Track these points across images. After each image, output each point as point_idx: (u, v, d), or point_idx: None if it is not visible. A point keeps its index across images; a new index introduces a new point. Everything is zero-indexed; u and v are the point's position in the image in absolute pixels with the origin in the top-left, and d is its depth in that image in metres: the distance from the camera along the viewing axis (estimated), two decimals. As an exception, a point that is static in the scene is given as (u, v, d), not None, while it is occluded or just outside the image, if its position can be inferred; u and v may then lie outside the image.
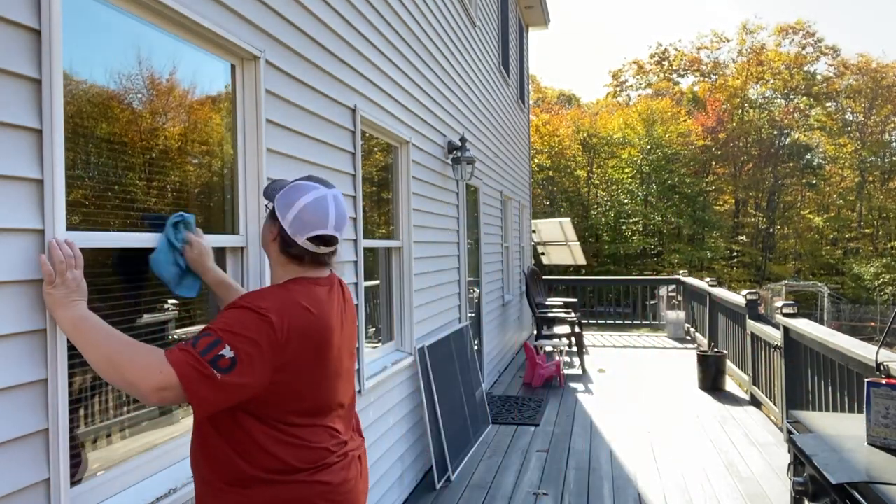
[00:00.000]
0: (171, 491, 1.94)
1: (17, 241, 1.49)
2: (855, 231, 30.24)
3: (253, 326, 1.44)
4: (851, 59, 32.34)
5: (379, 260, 4.36)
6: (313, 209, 1.63)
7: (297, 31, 2.89)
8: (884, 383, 2.28)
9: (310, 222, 1.62)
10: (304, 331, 1.52)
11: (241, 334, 1.42)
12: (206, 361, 1.36)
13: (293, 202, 1.64)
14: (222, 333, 1.41)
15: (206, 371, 1.36)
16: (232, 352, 1.39)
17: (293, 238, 1.63)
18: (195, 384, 1.35)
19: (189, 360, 1.36)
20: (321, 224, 1.63)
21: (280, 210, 1.65)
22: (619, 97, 36.65)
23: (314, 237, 1.63)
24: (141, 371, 1.35)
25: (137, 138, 2.01)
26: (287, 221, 1.62)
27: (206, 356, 1.37)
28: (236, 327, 1.43)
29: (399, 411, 4.23)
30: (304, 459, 1.54)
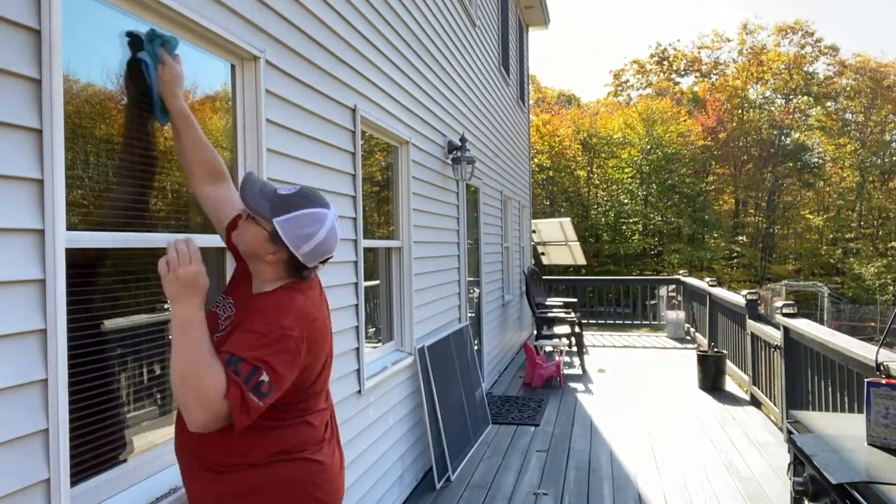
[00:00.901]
0: (171, 491, 1.94)
1: (17, 241, 1.49)
2: (855, 231, 30.24)
3: (282, 347, 1.52)
4: (850, 59, 32.35)
5: (379, 260, 4.36)
6: (328, 241, 1.68)
7: (297, 31, 2.89)
8: (884, 383, 2.28)
9: (324, 251, 1.69)
10: (315, 339, 1.63)
11: (274, 358, 1.50)
12: (250, 392, 1.45)
13: (311, 237, 1.65)
14: (258, 362, 1.48)
15: (251, 402, 1.46)
16: (268, 376, 1.48)
17: (305, 265, 1.68)
18: (242, 414, 1.45)
19: (238, 395, 1.44)
20: (331, 250, 1.72)
21: (291, 240, 1.63)
22: (620, 97, 36.65)
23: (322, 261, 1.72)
24: (201, 400, 1.43)
25: (137, 138, 2.01)
26: (302, 253, 1.65)
27: (249, 385, 1.46)
28: (268, 352, 1.50)
29: (399, 411, 4.23)
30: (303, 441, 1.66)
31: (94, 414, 1.83)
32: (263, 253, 1.65)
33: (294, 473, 1.63)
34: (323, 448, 1.71)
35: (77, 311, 1.72)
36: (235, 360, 1.47)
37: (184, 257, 1.52)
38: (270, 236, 1.63)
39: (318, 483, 1.66)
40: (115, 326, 1.93)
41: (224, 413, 1.44)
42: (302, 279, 1.71)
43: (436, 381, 4.70)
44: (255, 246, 1.66)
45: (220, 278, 2.41)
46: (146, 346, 2.06)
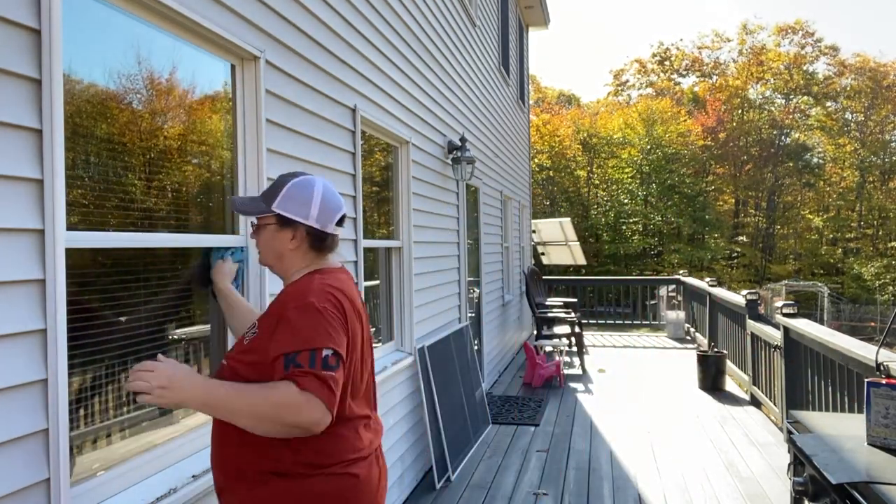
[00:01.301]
0: (171, 491, 1.94)
1: (17, 241, 1.49)
2: (855, 231, 30.24)
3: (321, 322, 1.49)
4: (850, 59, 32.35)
5: (379, 260, 4.36)
6: (329, 196, 1.67)
7: (297, 31, 2.89)
8: (884, 383, 2.28)
9: (333, 207, 1.67)
10: (345, 309, 1.58)
11: (322, 335, 1.47)
12: (322, 372, 1.43)
13: (310, 198, 1.64)
14: (311, 346, 1.45)
15: (328, 377, 1.43)
16: (328, 350, 1.46)
17: (324, 230, 1.65)
18: (327, 391, 1.42)
19: (313, 380, 1.41)
20: (340, 205, 1.70)
21: (298, 212, 1.63)
22: (620, 97, 36.65)
23: (339, 220, 1.69)
24: (294, 413, 1.40)
25: (137, 138, 2.01)
26: (313, 218, 1.63)
27: (317, 367, 1.43)
28: (313, 333, 1.47)
29: (399, 411, 4.23)
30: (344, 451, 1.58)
31: (94, 414, 1.83)
32: (285, 244, 1.65)
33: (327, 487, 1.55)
34: (363, 459, 1.62)
35: (77, 311, 1.72)
36: (291, 357, 1.44)
37: (144, 375, 1.40)
38: (279, 223, 1.64)
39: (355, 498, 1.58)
40: (114, 326, 1.93)
41: (315, 405, 1.40)
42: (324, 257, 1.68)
43: (436, 381, 4.70)
44: (274, 243, 1.66)
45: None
46: (146, 346, 2.06)
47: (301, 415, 1.40)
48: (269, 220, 1.64)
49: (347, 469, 1.57)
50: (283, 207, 1.63)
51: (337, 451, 1.57)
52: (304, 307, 1.51)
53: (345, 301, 1.60)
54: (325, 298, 1.54)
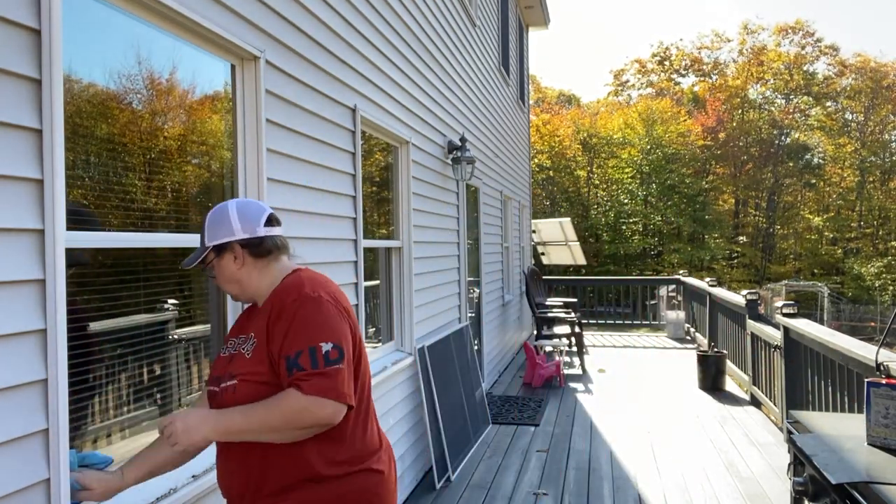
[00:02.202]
0: (171, 491, 1.94)
1: (17, 241, 1.49)
2: (855, 231, 30.24)
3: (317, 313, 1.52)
4: (850, 59, 32.35)
5: (379, 260, 4.36)
6: (244, 205, 1.68)
7: (297, 31, 2.89)
8: (884, 383, 2.28)
9: (253, 212, 1.67)
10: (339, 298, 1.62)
11: (319, 326, 1.50)
12: (325, 368, 1.45)
13: (226, 216, 1.65)
14: (309, 343, 1.48)
15: (331, 372, 1.46)
16: (328, 343, 1.48)
17: (254, 235, 1.65)
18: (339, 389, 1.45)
19: (320, 382, 1.44)
20: (260, 208, 1.70)
21: (221, 235, 1.64)
22: (620, 97, 36.65)
23: (266, 221, 1.68)
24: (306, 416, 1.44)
25: (137, 138, 2.01)
26: (236, 230, 1.64)
27: (319, 365, 1.46)
28: (310, 329, 1.50)
29: (399, 411, 4.23)
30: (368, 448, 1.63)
31: (94, 414, 1.83)
32: (231, 268, 1.65)
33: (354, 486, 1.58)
34: (381, 456, 1.67)
35: (77, 311, 1.72)
36: (290, 360, 1.48)
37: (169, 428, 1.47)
38: (217, 254, 1.65)
39: (379, 494, 1.62)
40: (115, 326, 1.93)
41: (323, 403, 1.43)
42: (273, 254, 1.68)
43: (436, 381, 4.70)
44: (225, 274, 1.67)
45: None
46: (146, 345, 2.06)
47: (314, 416, 1.44)
48: (209, 257, 1.66)
49: (374, 465, 1.62)
50: (211, 239, 1.65)
51: (361, 446, 1.61)
52: (301, 299, 1.54)
53: (335, 290, 1.63)
54: (318, 287, 1.58)
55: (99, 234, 1.83)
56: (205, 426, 1.48)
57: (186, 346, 2.29)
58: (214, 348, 2.42)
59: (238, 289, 1.68)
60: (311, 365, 1.45)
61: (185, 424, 1.47)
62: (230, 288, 1.69)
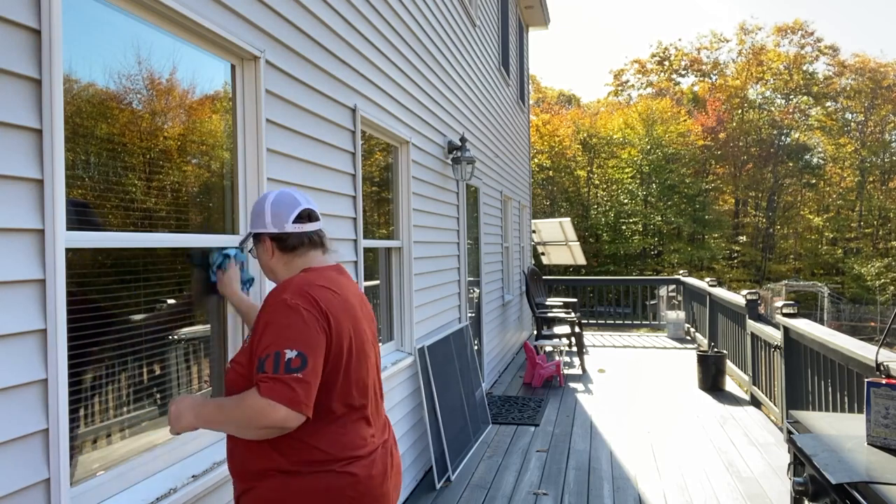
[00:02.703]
0: (171, 491, 1.94)
1: (17, 242, 1.49)
2: (855, 231, 30.25)
3: (289, 320, 1.57)
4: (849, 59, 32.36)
5: (379, 260, 4.36)
6: (280, 198, 1.79)
7: (297, 31, 2.89)
8: (884, 383, 2.28)
9: (285, 208, 1.77)
10: (331, 304, 1.65)
11: (286, 333, 1.55)
12: (283, 375, 1.51)
13: (262, 209, 1.79)
14: (275, 348, 1.54)
15: (289, 380, 1.51)
16: (292, 351, 1.53)
17: (282, 231, 1.75)
18: (292, 396, 1.50)
19: (272, 385, 1.50)
20: (294, 203, 1.79)
21: (258, 226, 1.79)
22: (620, 97, 36.66)
23: (296, 217, 1.77)
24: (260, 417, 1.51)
25: (137, 138, 2.01)
26: (268, 223, 1.76)
27: (280, 370, 1.51)
28: (279, 334, 1.55)
29: (399, 411, 4.23)
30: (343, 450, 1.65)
31: (94, 414, 1.83)
32: (264, 257, 1.80)
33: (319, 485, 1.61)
34: (362, 459, 1.66)
35: (77, 311, 1.72)
36: (260, 361, 1.54)
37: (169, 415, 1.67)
38: (256, 242, 1.82)
39: (348, 496, 1.62)
40: (114, 326, 1.93)
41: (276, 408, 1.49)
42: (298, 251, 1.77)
43: (436, 381, 4.70)
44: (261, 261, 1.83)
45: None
46: (146, 346, 2.06)
47: (268, 418, 1.50)
48: (249, 242, 1.84)
49: (345, 468, 1.63)
50: (253, 227, 1.81)
51: (332, 449, 1.63)
52: (276, 305, 1.60)
53: (327, 297, 1.65)
54: (300, 294, 1.61)
55: (99, 234, 1.83)
56: (189, 414, 1.64)
57: (186, 346, 2.29)
58: (215, 348, 2.42)
59: (272, 277, 1.82)
60: (272, 369, 1.51)
61: (176, 409, 1.65)
62: (267, 274, 1.84)
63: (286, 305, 1.58)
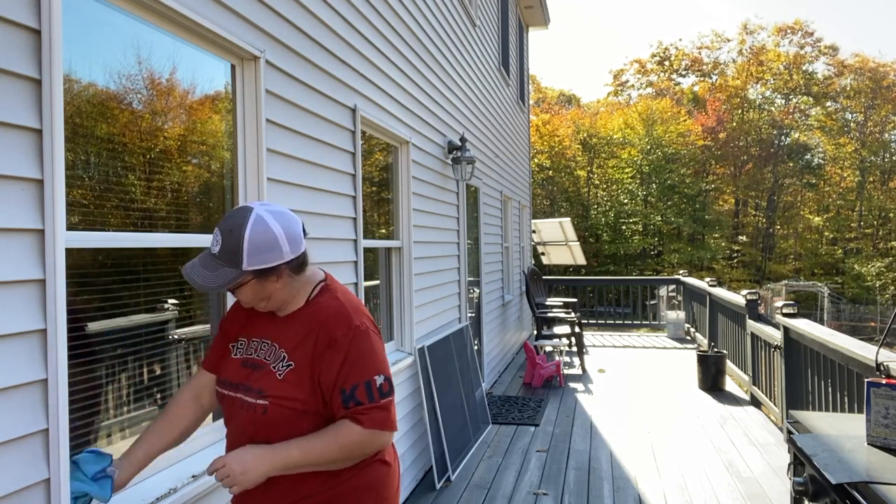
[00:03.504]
0: (171, 491, 1.94)
1: (17, 242, 1.49)
2: (855, 231, 30.26)
3: (368, 347, 1.57)
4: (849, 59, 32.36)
5: (379, 260, 4.36)
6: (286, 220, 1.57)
7: (297, 31, 2.89)
8: (884, 383, 2.28)
9: (296, 229, 1.58)
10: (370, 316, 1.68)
11: (370, 361, 1.56)
12: (381, 401, 1.54)
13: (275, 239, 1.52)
14: (364, 377, 1.54)
15: (386, 405, 1.55)
16: (381, 376, 1.56)
17: (300, 255, 1.59)
18: (392, 420, 1.57)
19: (378, 415, 1.53)
20: (297, 221, 1.61)
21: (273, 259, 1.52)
22: (620, 97, 36.66)
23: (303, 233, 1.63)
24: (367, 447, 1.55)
25: (137, 138, 2.01)
26: (286, 252, 1.54)
27: (375, 399, 1.53)
28: (363, 362, 1.55)
29: (399, 411, 4.23)
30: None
31: (94, 414, 1.83)
32: (270, 288, 1.57)
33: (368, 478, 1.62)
34: (389, 448, 1.71)
35: (77, 311, 1.72)
36: (348, 395, 1.52)
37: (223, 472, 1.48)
38: (258, 276, 1.54)
39: (388, 484, 1.67)
40: (115, 326, 1.93)
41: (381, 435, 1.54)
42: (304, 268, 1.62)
43: (436, 381, 4.70)
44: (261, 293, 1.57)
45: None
46: (146, 346, 2.06)
47: (372, 446, 1.55)
48: (245, 279, 1.54)
49: (379, 457, 1.65)
50: (255, 263, 1.51)
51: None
52: (353, 332, 1.55)
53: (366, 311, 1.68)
54: (363, 315, 1.62)
55: (99, 234, 1.83)
56: (263, 466, 1.49)
57: (186, 346, 2.29)
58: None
59: (265, 303, 1.60)
60: (367, 398, 1.52)
61: (242, 466, 1.47)
62: (257, 303, 1.60)
63: (362, 332, 1.56)
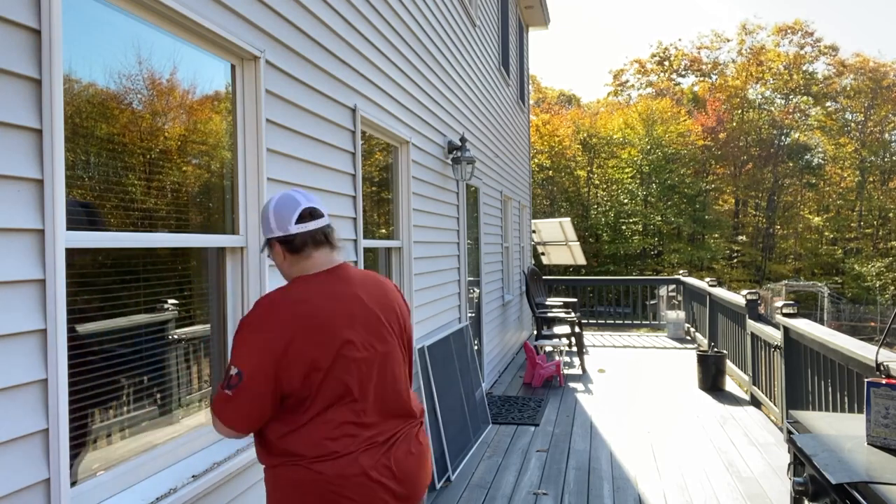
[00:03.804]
0: (171, 491, 1.94)
1: (17, 242, 1.49)
2: (855, 231, 30.26)
3: (239, 339, 1.66)
4: (849, 59, 32.36)
5: (379, 260, 4.36)
6: (281, 201, 1.79)
7: (297, 31, 2.89)
8: (884, 383, 2.28)
9: (286, 210, 1.76)
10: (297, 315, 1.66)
11: (235, 352, 1.65)
12: (223, 391, 1.65)
13: (266, 214, 1.80)
14: (231, 362, 1.66)
15: (222, 395, 1.65)
16: (235, 368, 1.63)
17: (287, 233, 1.75)
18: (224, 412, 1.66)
19: (217, 398, 1.68)
20: (295, 204, 1.78)
21: (266, 232, 1.80)
22: (620, 97, 36.67)
23: (298, 217, 1.76)
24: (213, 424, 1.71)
25: (137, 138, 2.01)
26: (273, 228, 1.77)
27: (223, 385, 1.66)
28: (236, 350, 1.66)
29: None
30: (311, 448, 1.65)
31: (94, 414, 1.83)
32: (277, 261, 1.83)
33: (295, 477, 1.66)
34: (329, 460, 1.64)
35: (77, 311, 1.72)
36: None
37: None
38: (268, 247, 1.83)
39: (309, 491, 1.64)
40: (115, 327, 1.93)
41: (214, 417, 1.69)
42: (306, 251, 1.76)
43: (436, 381, 4.70)
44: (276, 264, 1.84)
45: (220, 276, 2.42)
46: (146, 346, 2.06)
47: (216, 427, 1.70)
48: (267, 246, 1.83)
49: (311, 465, 1.64)
50: (263, 233, 1.83)
51: (302, 450, 1.65)
52: (242, 321, 1.70)
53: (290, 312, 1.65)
54: (258, 312, 1.67)
55: (99, 234, 1.82)
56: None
57: (186, 346, 2.29)
58: (214, 348, 2.42)
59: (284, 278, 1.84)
60: (224, 387, 1.64)
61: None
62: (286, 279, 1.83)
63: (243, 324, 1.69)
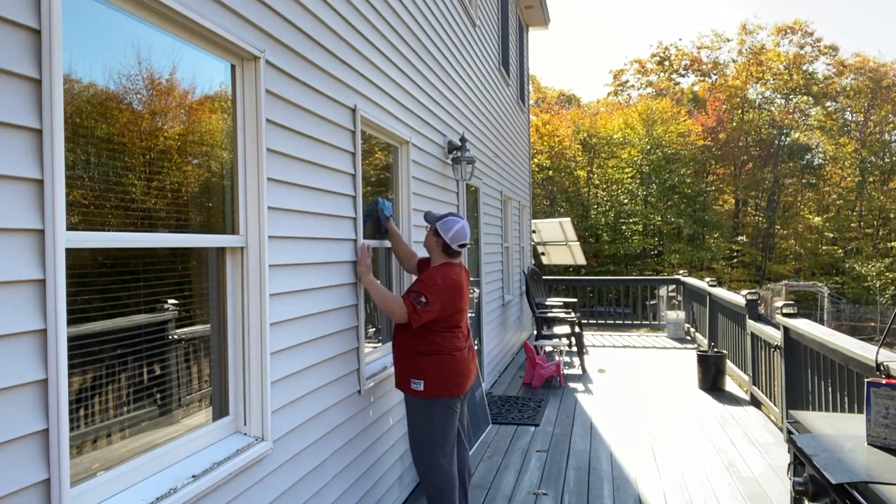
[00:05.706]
0: (171, 491, 1.94)
1: (17, 242, 1.49)
2: (855, 231, 30.27)
3: (431, 287, 3.35)
4: (849, 59, 32.36)
5: (379, 260, 4.36)
6: (462, 231, 3.52)
7: (297, 31, 2.89)
8: (884, 383, 2.28)
9: (460, 237, 3.51)
10: (451, 287, 3.42)
11: (427, 290, 3.33)
12: (414, 303, 3.29)
13: (452, 227, 3.50)
14: (419, 292, 3.32)
15: (417, 307, 3.29)
16: (424, 297, 3.30)
17: (451, 245, 3.51)
18: (413, 313, 3.29)
19: (410, 304, 3.29)
20: (464, 237, 3.53)
21: (443, 231, 3.50)
22: (620, 97, 36.67)
23: (461, 244, 3.52)
24: (395, 307, 3.33)
25: (137, 138, 2.01)
26: (448, 238, 3.49)
27: (415, 301, 3.29)
28: (425, 289, 3.33)
29: (398, 411, 4.23)
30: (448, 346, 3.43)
31: (94, 414, 1.83)
32: (433, 243, 3.54)
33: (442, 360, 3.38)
34: (462, 351, 3.47)
35: (77, 311, 1.72)
36: (410, 291, 3.34)
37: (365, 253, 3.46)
38: (434, 233, 3.54)
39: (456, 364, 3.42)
40: (115, 326, 1.93)
41: (405, 311, 3.28)
42: (451, 258, 3.54)
43: (436, 381, 4.69)
44: (429, 242, 3.57)
45: (220, 276, 2.42)
46: (146, 346, 2.06)
47: (395, 312, 3.32)
48: (432, 231, 3.56)
49: (450, 352, 3.42)
50: (439, 227, 3.53)
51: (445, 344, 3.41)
52: (428, 278, 3.40)
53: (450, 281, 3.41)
54: (439, 277, 3.39)
55: (99, 234, 1.82)
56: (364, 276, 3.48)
57: (186, 346, 2.29)
58: (215, 348, 2.42)
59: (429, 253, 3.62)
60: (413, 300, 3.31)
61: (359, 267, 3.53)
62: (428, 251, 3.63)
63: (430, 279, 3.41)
